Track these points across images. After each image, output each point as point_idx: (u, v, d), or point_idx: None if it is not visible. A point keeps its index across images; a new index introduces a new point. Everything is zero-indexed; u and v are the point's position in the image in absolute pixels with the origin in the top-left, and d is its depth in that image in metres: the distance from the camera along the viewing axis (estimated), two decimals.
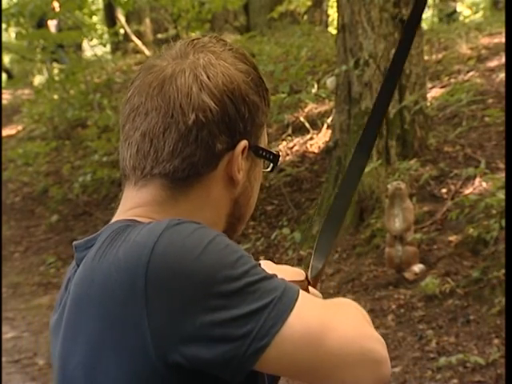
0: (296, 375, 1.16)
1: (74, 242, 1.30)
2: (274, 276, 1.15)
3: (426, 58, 7.81)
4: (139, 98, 1.26)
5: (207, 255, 1.12)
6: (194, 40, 1.29)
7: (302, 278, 1.36)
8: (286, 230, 7.08)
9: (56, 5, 10.90)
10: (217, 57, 1.26)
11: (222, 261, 1.12)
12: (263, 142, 1.32)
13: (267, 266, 1.32)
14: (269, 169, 1.34)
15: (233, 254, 1.13)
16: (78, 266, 1.25)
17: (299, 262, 6.32)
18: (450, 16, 12.89)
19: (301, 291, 1.15)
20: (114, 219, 1.28)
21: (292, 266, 1.44)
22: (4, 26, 11.44)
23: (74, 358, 1.21)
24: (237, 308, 1.10)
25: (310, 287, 1.38)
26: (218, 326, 1.09)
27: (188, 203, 1.26)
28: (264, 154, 1.31)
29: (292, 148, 8.40)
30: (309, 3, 12.81)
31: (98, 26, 13.54)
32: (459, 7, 14.57)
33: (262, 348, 1.09)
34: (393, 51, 6.96)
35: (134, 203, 1.27)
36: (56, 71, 12.58)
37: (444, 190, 6.52)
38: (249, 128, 1.27)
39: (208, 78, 1.23)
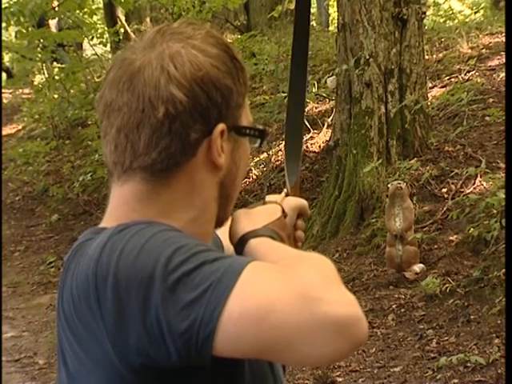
0: (254, 354, 1.12)
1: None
2: (219, 257, 1.12)
3: (426, 57, 7.80)
4: (111, 94, 1.26)
5: (144, 255, 1.11)
6: (162, 28, 1.27)
7: (279, 214, 1.36)
8: None
9: (55, 3, 10.89)
10: (184, 45, 1.23)
11: (159, 257, 1.10)
12: (246, 120, 1.30)
13: (242, 215, 1.34)
14: (257, 144, 1.32)
15: (170, 246, 1.12)
16: None
17: None
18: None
19: (252, 263, 1.11)
20: (104, 219, 1.29)
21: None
22: (4, 24, 11.41)
23: (62, 374, 1.25)
24: (178, 300, 1.08)
25: (292, 197, 1.46)
26: (165, 321, 1.08)
27: (171, 194, 1.25)
28: (247, 131, 1.30)
29: None
30: None
31: (99, 25, 13.51)
32: (458, 6, 14.56)
33: (210, 334, 1.07)
34: (393, 50, 6.97)
35: (117, 201, 1.28)
36: (56, 70, 12.56)
37: (444, 190, 6.52)
38: (224, 112, 1.24)
39: (175, 68, 1.21)
